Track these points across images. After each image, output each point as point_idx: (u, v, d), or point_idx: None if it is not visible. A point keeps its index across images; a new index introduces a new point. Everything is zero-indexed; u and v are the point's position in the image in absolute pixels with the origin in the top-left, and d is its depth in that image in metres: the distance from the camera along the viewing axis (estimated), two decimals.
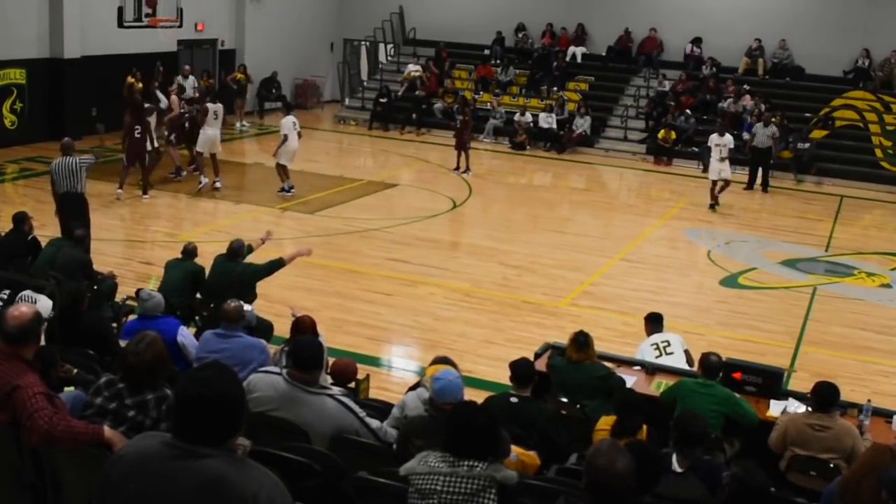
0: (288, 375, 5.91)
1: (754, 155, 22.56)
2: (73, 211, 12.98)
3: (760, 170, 22.55)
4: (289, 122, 18.89)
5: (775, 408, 8.05)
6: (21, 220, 10.97)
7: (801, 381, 10.35)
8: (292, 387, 5.86)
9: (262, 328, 8.87)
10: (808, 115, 25.53)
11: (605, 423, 6.83)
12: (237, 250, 10.41)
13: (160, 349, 5.14)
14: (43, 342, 7.57)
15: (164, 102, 22.49)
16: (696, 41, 28.27)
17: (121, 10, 20.21)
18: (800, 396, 8.16)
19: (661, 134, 25.07)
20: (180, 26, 22.43)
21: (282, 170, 18.82)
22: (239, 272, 10.25)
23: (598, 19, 29.60)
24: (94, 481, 4.54)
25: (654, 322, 9.79)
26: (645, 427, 6.75)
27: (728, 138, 19.86)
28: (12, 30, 21.62)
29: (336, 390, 6.20)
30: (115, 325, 9.07)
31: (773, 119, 23.26)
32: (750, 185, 22.39)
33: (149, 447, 3.32)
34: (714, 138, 19.88)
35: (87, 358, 7.16)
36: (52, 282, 8.97)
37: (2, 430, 4.90)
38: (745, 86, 26.41)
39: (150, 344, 5.11)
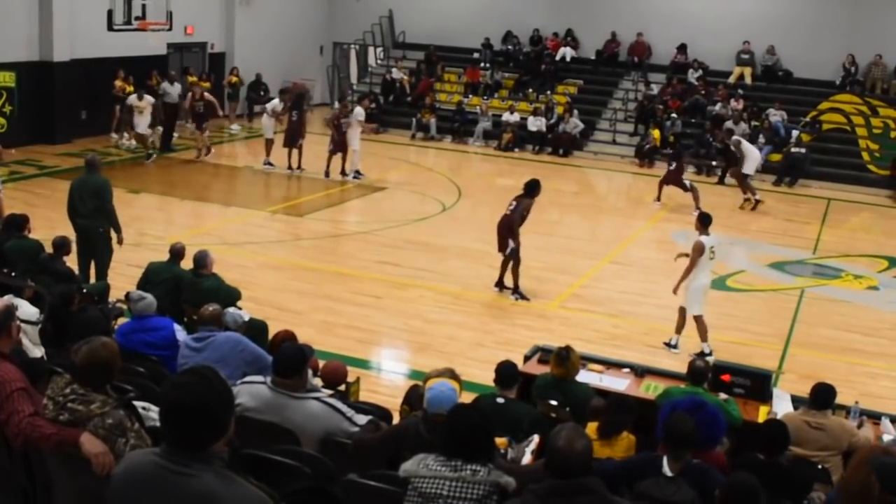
0: (272, 383, 5.93)
1: (725, 152, 23.35)
2: None
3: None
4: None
5: (778, 404, 8.16)
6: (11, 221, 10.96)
7: (789, 383, 10.41)
8: (277, 394, 5.87)
9: (256, 328, 8.83)
10: (802, 119, 25.65)
11: (589, 430, 6.86)
12: (200, 261, 10.07)
13: (99, 356, 4.76)
14: (41, 348, 7.59)
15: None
16: (682, 48, 28.41)
17: (110, 14, 20.20)
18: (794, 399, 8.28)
19: (656, 134, 25.15)
20: (170, 29, 22.43)
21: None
22: (206, 287, 9.84)
23: (586, 24, 29.68)
24: (83, 483, 4.58)
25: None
26: (629, 435, 6.78)
27: None
28: (2, 33, 21.58)
29: (322, 392, 6.21)
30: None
31: (744, 118, 24.19)
32: (721, 181, 23.57)
33: (140, 465, 3.35)
34: None
35: None
36: (32, 286, 8.90)
37: None
38: (739, 90, 26.59)
39: (90, 349, 4.76)
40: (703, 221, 11.80)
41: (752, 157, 21.13)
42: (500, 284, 13.95)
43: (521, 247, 13.72)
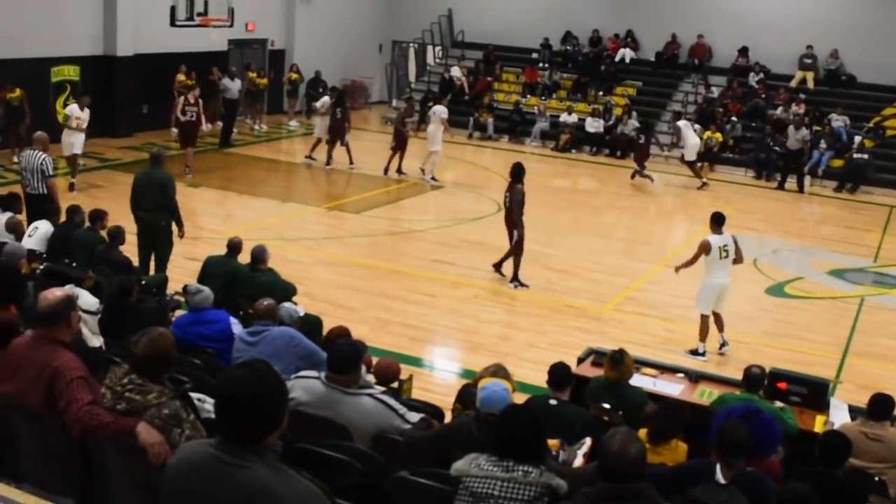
0: (326, 379, 5.96)
1: (785, 156, 23.45)
2: (34, 214, 11.83)
3: (794, 172, 23.32)
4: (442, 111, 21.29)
5: (835, 413, 8.05)
6: (74, 212, 11.14)
7: (846, 393, 10.24)
8: (331, 389, 5.90)
9: (311, 324, 8.87)
10: (865, 124, 25.21)
11: (641, 435, 6.80)
12: (257, 256, 10.18)
13: (159, 346, 4.84)
14: (100, 337, 7.70)
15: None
16: (743, 51, 28.11)
17: (173, 10, 20.43)
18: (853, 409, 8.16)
19: (708, 134, 24.93)
20: (231, 26, 22.64)
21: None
22: (262, 282, 9.93)
23: (646, 25, 29.50)
24: (139, 472, 4.64)
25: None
26: (680, 443, 6.72)
27: None
28: (67, 27, 21.97)
29: (375, 389, 6.23)
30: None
31: (806, 123, 23.95)
32: (781, 186, 23.34)
33: (195, 456, 3.38)
34: None
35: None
36: (92, 276, 9.06)
37: (49, 420, 4.98)
38: (800, 94, 26.25)
39: (150, 339, 4.84)
40: (716, 220, 11.76)
41: (690, 143, 22.95)
42: (497, 266, 14.31)
43: (577, 249, 13.68)
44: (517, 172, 14.09)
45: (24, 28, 20.57)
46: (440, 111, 21.13)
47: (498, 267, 14.29)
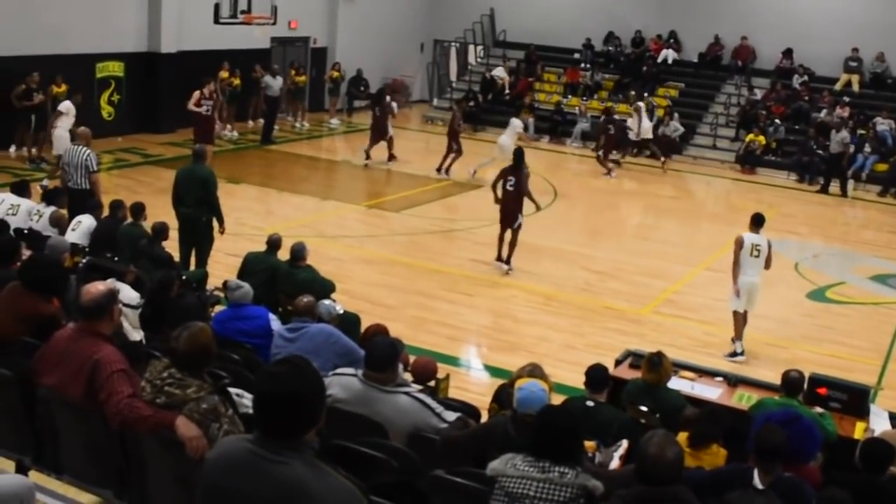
0: (363, 376, 5.98)
1: (828, 160, 23.21)
2: (76, 208, 11.81)
3: (838, 176, 23.04)
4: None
5: (875, 420, 7.95)
6: (117, 207, 11.27)
7: (887, 400, 10.11)
8: (368, 387, 5.91)
9: (349, 321, 8.90)
10: None
11: (680, 439, 6.76)
12: (297, 253, 10.21)
13: (200, 341, 4.86)
14: (140, 331, 7.78)
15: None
16: (787, 53, 27.80)
17: (217, 7, 20.57)
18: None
19: (750, 137, 24.77)
20: (274, 24, 22.76)
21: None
22: (301, 279, 9.96)
23: (689, 26, 29.24)
24: (177, 465, 4.68)
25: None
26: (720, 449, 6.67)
27: None
28: (112, 24, 22.19)
29: (412, 387, 6.24)
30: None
31: (850, 126, 23.68)
32: (824, 189, 23.02)
33: (232, 451, 3.40)
34: None
35: None
36: (134, 270, 9.14)
37: (90, 413, 5.03)
38: (844, 97, 25.95)
39: (191, 334, 4.86)
40: (754, 221, 11.86)
41: (644, 126, 24.49)
42: (500, 258, 14.53)
43: (616, 250, 13.67)
44: (519, 158, 14.65)
45: (70, 23, 20.78)
46: (517, 125, 21.26)
47: (508, 262, 14.46)
